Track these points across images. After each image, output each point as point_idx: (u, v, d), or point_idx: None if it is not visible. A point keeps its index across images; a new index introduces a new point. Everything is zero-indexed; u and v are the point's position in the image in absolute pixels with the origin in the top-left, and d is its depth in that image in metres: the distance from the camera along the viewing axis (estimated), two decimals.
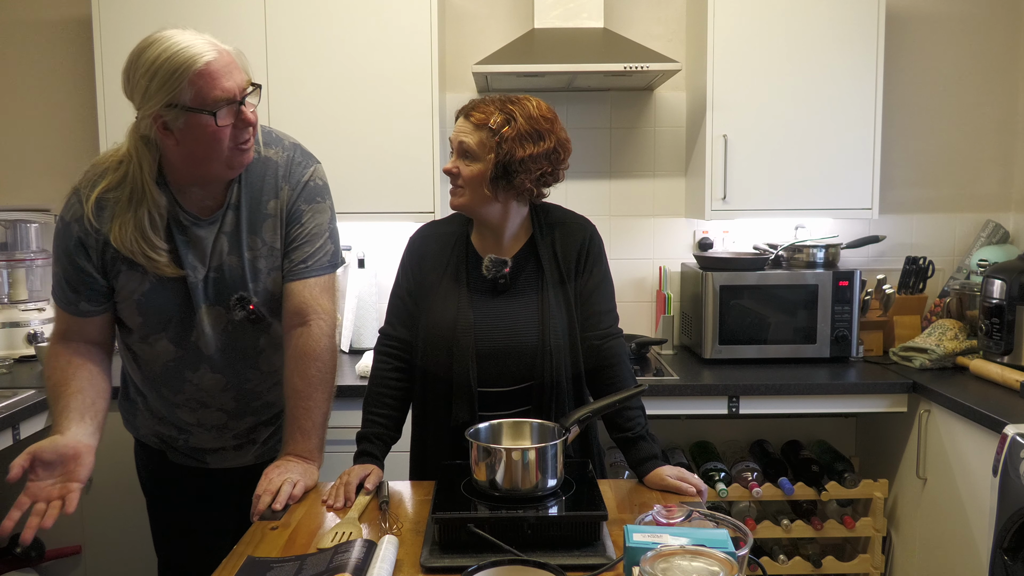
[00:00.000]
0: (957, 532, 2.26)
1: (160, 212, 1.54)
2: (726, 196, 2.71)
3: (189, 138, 1.47)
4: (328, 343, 1.63)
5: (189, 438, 1.75)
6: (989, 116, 3.02)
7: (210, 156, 1.50)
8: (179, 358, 1.66)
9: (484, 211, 1.62)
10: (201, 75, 1.42)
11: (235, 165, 1.54)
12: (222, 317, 1.64)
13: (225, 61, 1.46)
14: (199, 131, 1.46)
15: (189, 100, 1.43)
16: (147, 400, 1.75)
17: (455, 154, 1.61)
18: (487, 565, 1.13)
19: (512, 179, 1.57)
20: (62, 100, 2.97)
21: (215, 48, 1.45)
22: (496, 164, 1.56)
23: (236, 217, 1.61)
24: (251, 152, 1.56)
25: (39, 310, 2.88)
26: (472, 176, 1.58)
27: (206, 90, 1.43)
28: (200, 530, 1.80)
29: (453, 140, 1.61)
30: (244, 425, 1.75)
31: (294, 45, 2.62)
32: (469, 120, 1.59)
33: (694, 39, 2.86)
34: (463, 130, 1.59)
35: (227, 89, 1.45)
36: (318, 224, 1.66)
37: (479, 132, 1.57)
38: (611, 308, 1.68)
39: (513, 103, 1.59)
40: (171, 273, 1.57)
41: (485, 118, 1.57)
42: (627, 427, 1.59)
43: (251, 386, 1.72)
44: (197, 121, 1.45)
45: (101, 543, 2.48)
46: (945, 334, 2.64)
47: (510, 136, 1.55)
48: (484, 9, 2.99)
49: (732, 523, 1.15)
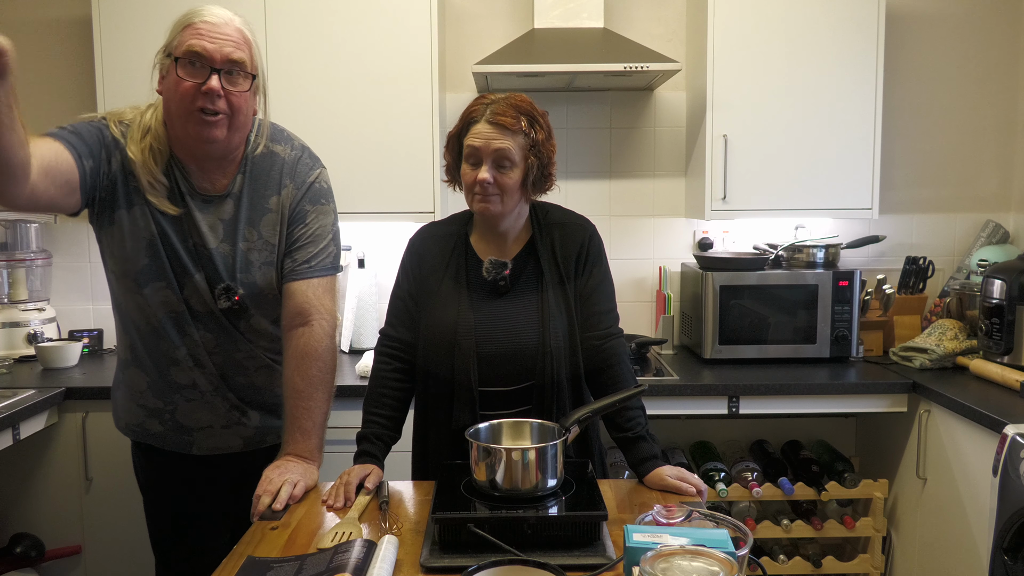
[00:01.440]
0: (957, 532, 2.26)
1: (160, 146, 1.59)
2: (726, 196, 2.71)
3: (165, 88, 1.56)
4: (329, 343, 1.63)
5: (176, 411, 1.73)
6: (989, 116, 3.02)
7: (176, 112, 1.54)
8: (179, 312, 1.66)
9: (510, 216, 1.62)
10: (190, 27, 1.51)
11: (194, 135, 1.55)
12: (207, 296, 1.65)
13: (225, 31, 1.52)
14: (169, 80, 1.53)
15: (173, 48, 1.52)
16: (140, 366, 1.72)
17: (486, 162, 1.54)
18: (487, 565, 1.13)
19: (548, 180, 1.60)
20: (62, 100, 2.97)
21: (226, 20, 1.52)
22: (538, 167, 1.57)
23: (236, 206, 1.63)
24: (218, 131, 1.55)
25: (39, 310, 2.88)
26: (513, 184, 1.56)
27: (185, 39, 1.51)
28: (196, 529, 1.79)
29: (484, 148, 1.53)
30: (228, 402, 1.74)
31: (294, 45, 2.62)
32: (497, 126, 1.53)
33: (694, 39, 2.86)
34: (494, 136, 1.53)
35: (205, 48, 1.49)
36: (322, 225, 1.67)
37: (516, 137, 1.54)
38: (611, 308, 1.68)
39: (520, 101, 1.58)
40: (170, 209, 1.60)
41: (515, 122, 1.53)
42: (627, 427, 1.59)
43: (240, 357, 1.72)
44: (170, 69, 1.52)
45: (101, 543, 2.48)
46: (945, 334, 2.64)
47: (543, 139, 1.57)
48: (484, 9, 2.99)
49: (732, 523, 1.15)
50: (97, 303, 3.02)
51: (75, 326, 3.01)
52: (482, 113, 1.55)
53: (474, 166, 1.56)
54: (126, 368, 1.77)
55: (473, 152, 1.55)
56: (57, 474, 2.47)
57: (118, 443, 1.93)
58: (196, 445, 1.75)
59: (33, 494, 2.48)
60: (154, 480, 1.83)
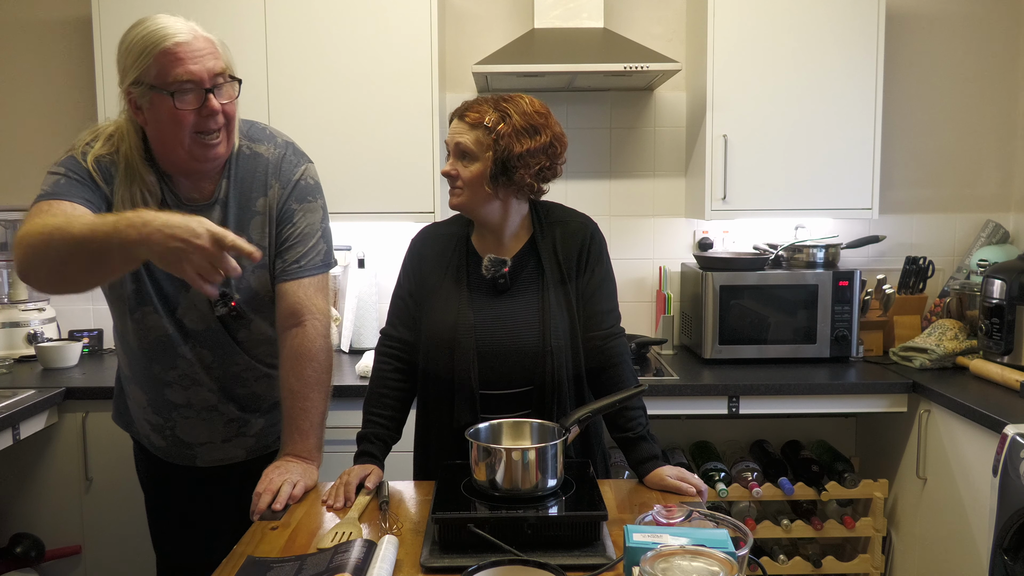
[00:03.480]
0: (957, 532, 2.26)
1: (150, 190, 1.55)
2: (726, 196, 2.71)
3: (153, 119, 1.49)
4: (323, 343, 1.62)
5: (176, 428, 1.73)
6: (989, 116, 3.02)
7: (173, 141, 1.50)
8: (170, 334, 1.64)
9: (484, 210, 1.62)
10: (166, 53, 1.43)
11: (199, 157, 1.52)
12: (204, 308, 1.64)
13: (198, 46, 1.46)
14: (161, 112, 1.47)
15: (152, 78, 1.45)
16: (138, 383, 1.72)
17: (452, 156, 1.62)
18: (487, 565, 1.13)
19: (512, 175, 1.57)
20: (62, 100, 2.97)
21: (192, 33, 1.46)
22: (495, 161, 1.56)
23: (223, 213, 1.61)
24: (221, 148, 1.53)
25: (39, 310, 2.88)
26: (472, 176, 1.58)
27: (168, 68, 1.44)
28: (197, 528, 1.80)
29: (449, 142, 1.61)
30: (230, 413, 1.73)
31: (294, 45, 2.62)
32: (464, 121, 1.59)
33: (694, 39, 2.86)
34: (458, 131, 1.60)
35: (192, 72, 1.45)
36: (310, 224, 1.66)
37: (475, 131, 1.57)
38: (613, 307, 1.68)
39: (507, 101, 1.59)
40: None
41: (480, 117, 1.57)
42: (628, 427, 1.59)
43: (237, 370, 1.71)
44: (159, 101, 1.46)
45: (101, 543, 2.48)
46: (945, 334, 2.64)
47: (506, 132, 1.56)
48: (484, 9, 2.99)
49: (732, 523, 1.15)
50: (97, 303, 3.01)
51: (75, 326, 3.01)
52: (460, 110, 1.61)
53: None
54: (128, 383, 1.77)
55: (448, 146, 1.63)
56: (57, 474, 2.47)
57: (118, 443, 1.93)
58: (199, 458, 1.76)
59: (33, 494, 2.48)
60: (156, 482, 1.83)
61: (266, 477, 1.53)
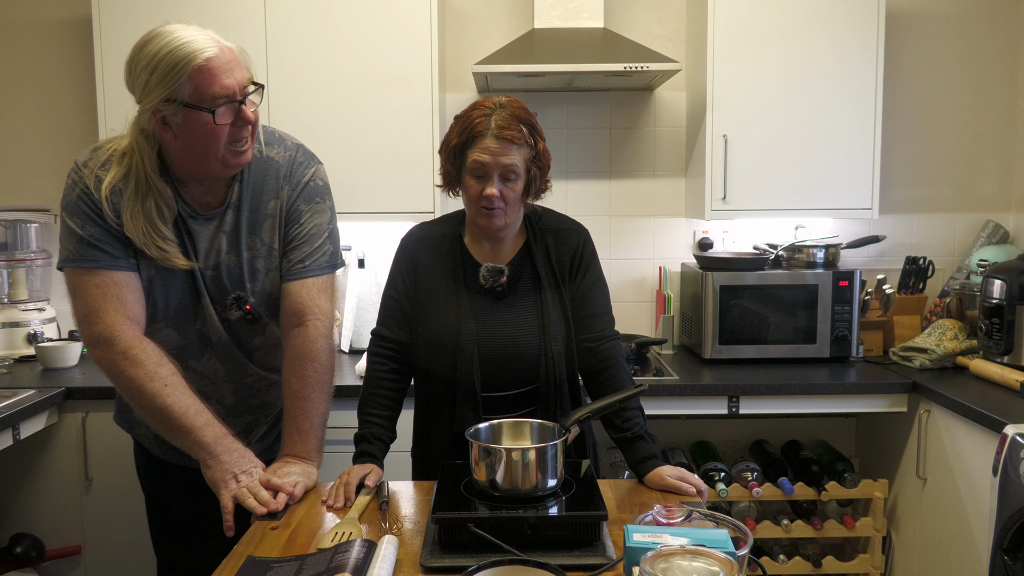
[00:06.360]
0: (957, 532, 2.26)
1: (167, 203, 1.54)
2: (726, 196, 2.71)
3: (186, 134, 1.47)
4: (325, 344, 1.62)
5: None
6: (989, 116, 3.02)
7: (206, 153, 1.49)
8: (182, 347, 1.65)
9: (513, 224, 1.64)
10: (201, 71, 1.41)
11: (231, 165, 1.53)
12: (220, 314, 1.64)
13: (227, 58, 1.45)
14: (197, 128, 1.46)
15: (188, 96, 1.43)
16: None
17: (493, 176, 1.54)
18: (487, 565, 1.13)
19: (542, 187, 1.61)
20: (62, 100, 2.97)
21: (217, 44, 1.44)
22: (540, 177, 1.58)
23: (236, 216, 1.61)
24: (248, 153, 1.55)
25: (39, 310, 2.88)
26: (517, 196, 1.58)
27: (205, 86, 1.42)
28: (197, 529, 1.79)
29: (491, 163, 1.53)
30: (241, 424, 1.73)
31: (294, 45, 2.62)
32: (503, 140, 1.52)
33: (694, 39, 2.86)
34: (502, 151, 1.52)
35: (227, 86, 1.44)
36: (317, 224, 1.66)
37: (521, 151, 1.54)
38: (606, 311, 1.69)
39: (520, 110, 1.57)
40: (183, 265, 1.56)
41: (519, 135, 1.53)
42: (626, 427, 1.59)
43: (250, 381, 1.72)
44: (195, 118, 1.44)
45: (101, 543, 2.48)
46: (945, 334, 2.64)
47: (542, 148, 1.58)
48: (484, 9, 2.99)
49: (732, 523, 1.15)
50: None
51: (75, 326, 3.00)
52: (487, 127, 1.53)
53: (480, 180, 1.56)
54: None
55: (480, 167, 1.54)
56: (57, 474, 2.47)
57: (118, 443, 1.93)
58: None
59: (33, 494, 2.48)
60: (157, 482, 1.83)
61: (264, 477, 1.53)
